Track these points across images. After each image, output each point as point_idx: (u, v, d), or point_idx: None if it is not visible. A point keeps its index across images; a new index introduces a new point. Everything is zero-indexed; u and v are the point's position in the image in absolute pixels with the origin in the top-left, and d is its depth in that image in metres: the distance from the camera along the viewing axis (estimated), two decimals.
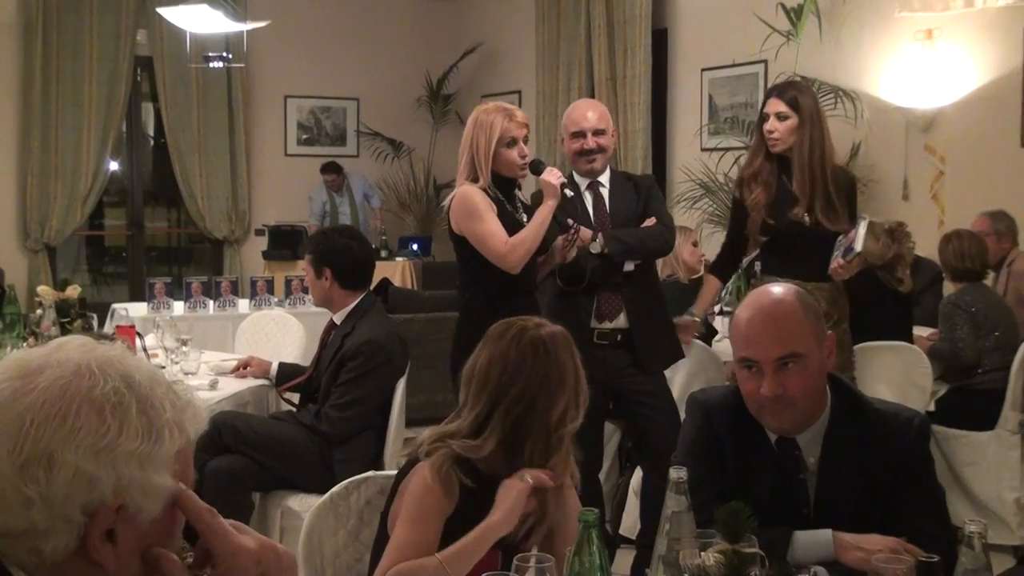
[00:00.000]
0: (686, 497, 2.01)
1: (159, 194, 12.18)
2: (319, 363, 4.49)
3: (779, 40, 7.61)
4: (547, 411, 2.48)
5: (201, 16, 8.42)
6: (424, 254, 11.09)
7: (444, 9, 12.31)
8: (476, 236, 4.11)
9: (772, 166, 4.53)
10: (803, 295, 2.59)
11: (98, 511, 1.29)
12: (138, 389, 1.35)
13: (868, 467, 2.51)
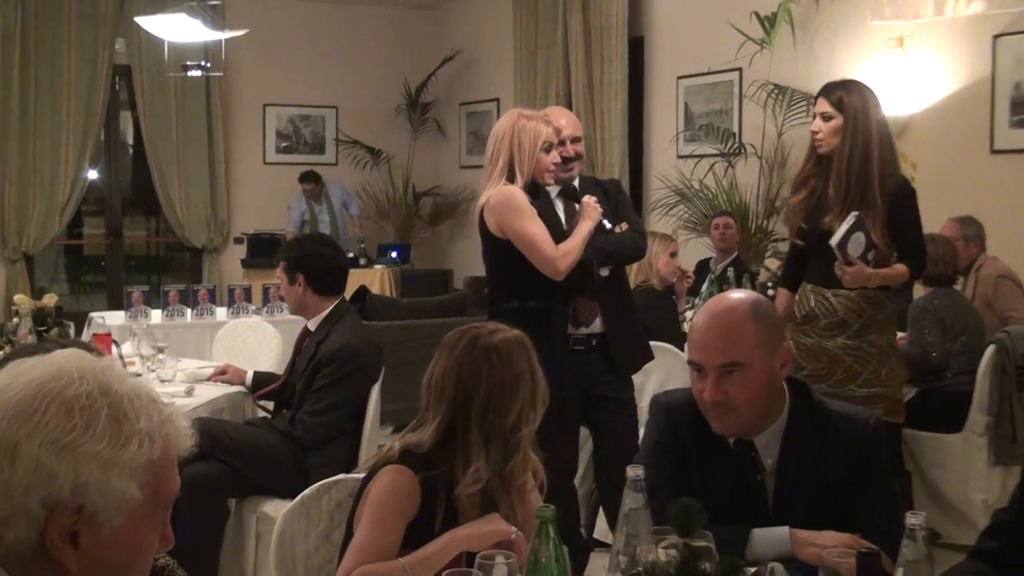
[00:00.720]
0: (643, 494, 2.07)
1: (137, 203, 12.20)
2: (293, 369, 4.55)
3: (753, 48, 7.69)
4: (504, 416, 2.53)
5: (179, 25, 8.48)
6: (403, 262, 11.15)
7: (422, 17, 12.38)
8: (524, 237, 4.12)
9: (820, 169, 4.49)
10: (760, 306, 2.63)
11: (57, 507, 1.35)
12: (113, 396, 1.41)
13: (825, 467, 2.58)
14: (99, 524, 1.39)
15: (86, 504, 1.37)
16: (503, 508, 2.53)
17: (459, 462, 2.53)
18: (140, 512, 1.42)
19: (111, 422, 1.39)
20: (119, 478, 1.38)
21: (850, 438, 2.61)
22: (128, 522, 1.41)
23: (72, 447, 1.36)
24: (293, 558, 2.80)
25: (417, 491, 2.49)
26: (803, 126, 7.39)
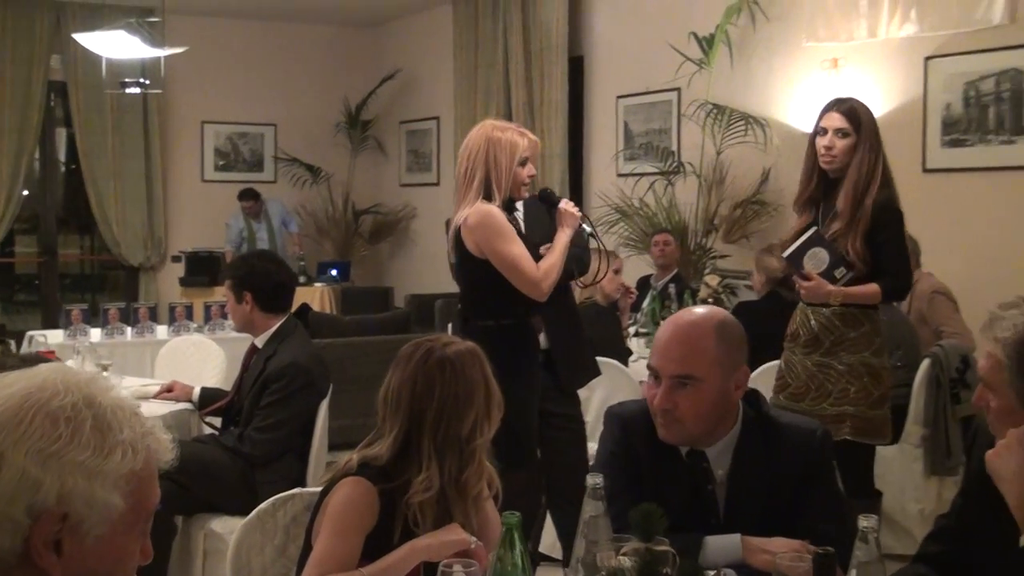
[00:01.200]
0: (603, 502, 2.12)
1: (70, 220, 12.08)
2: (241, 386, 4.54)
3: (692, 68, 7.79)
4: (458, 426, 2.57)
5: (118, 42, 8.40)
6: (343, 279, 11.14)
7: (362, 36, 12.40)
8: (505, 259, 4.08)
9: (821, 190, 4.44)
10: (726, 325, 2.67)
11: (42, 515, 1.37)
12: (97, 408, 1.44)
13: (774, 478, 2.64)
14: (83, 533, 1.41)
15: (70, 513, 1.39)
16: (458, 517, 2.57)
17: (415, 473, 2.56)
18: (123, 522, 1.44)
19: (95, 433, 1.42)
20: (103, 488, 1.41)
21: (799, 449, 2.68)
22: (111, 532, 1.43)
23: (57, 456, 1.38)
24: (249, 571, 2.81)
25: (376, 502, 2.52)
26: (741, 145, 7.54)
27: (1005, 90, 6.28)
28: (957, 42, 6.50)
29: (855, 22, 7.00)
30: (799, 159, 7.19)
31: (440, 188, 11.41)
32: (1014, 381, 2.09)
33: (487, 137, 4.14)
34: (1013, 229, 6.23)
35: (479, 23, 10.30)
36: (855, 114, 4.37)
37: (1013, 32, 6.22)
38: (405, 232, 12.08)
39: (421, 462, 2.56)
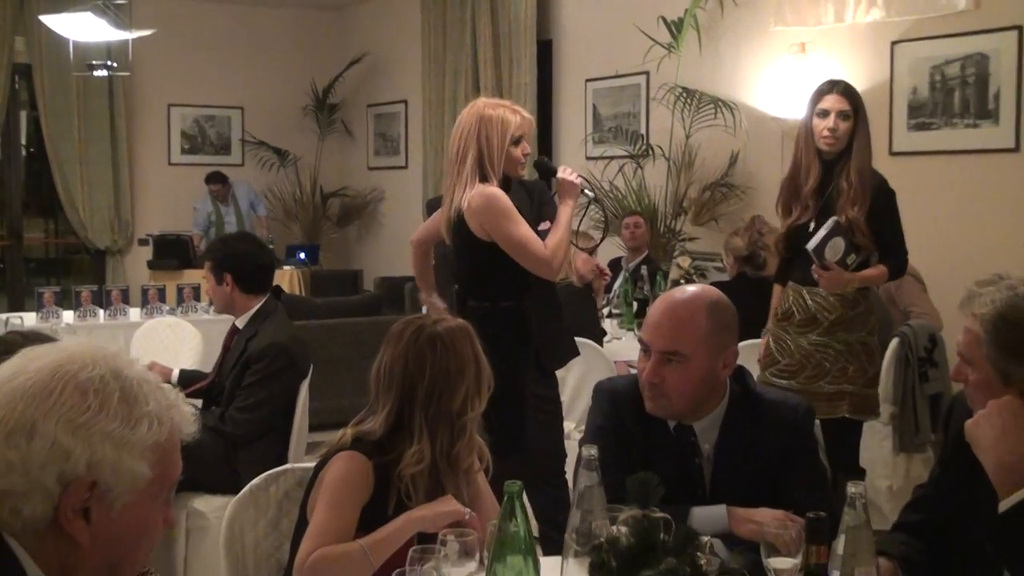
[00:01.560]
0: (597, 473, 2.19)
1: (33, 204, 11.99)
2: (222, 367, 4.58)
3: (661, 52, 7.83)
4: (450, 401, 2.64)
5: (85, 24, 8.38)
6: (312, 262, 11.16)
7: (329, 19, 12.39)
8: (513, 240, 4.01)
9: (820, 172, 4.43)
10: (718, 306, 2.72)
11: (72, 483, 1.42)
12: (124, 380, 1.48)
13: (759, 452, 2.71)
14: (110, 501, 1.45)
15: (99, 481, 1.44)
16: (450, 488, 2.64)
17: (408, 447, 2.62)
18: (148, 491, 1.49)
19: (123, 404, 1.46)
20: (130, 457, 1.45)
21: (782, 424, 2.75)
22: (137, 500, 1.48)
23: (87, 426, 1.43)
24: (243, 545, 2.85)
25: (370, 475, 2.58)
26: (709, 128, 7.60)
27: (970, 74, 6.37)
28: (923, 27, 6.58)
29: (822, 7, 7.06)
30: (767, 142, 7.39)
31: (408, 171, 11.44)
32: (991, 355, 2.17)
33: (479, 115, 4.06)
34: (977, 211, 6.34)
35: (447, 6, 10.32)
36: (853, 95, 4.43)
37: (978, 17, 6.30)
38: (373, 215, 12.11)
39: (413, 436, 2.62)
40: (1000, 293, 2.18)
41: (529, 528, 1.97)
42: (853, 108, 4.39)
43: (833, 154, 4.40)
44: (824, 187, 4.43)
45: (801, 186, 4.45)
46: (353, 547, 2.47)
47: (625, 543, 1.91)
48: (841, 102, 4.38)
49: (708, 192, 7.82)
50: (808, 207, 4.43)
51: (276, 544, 2.89)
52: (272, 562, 2.89)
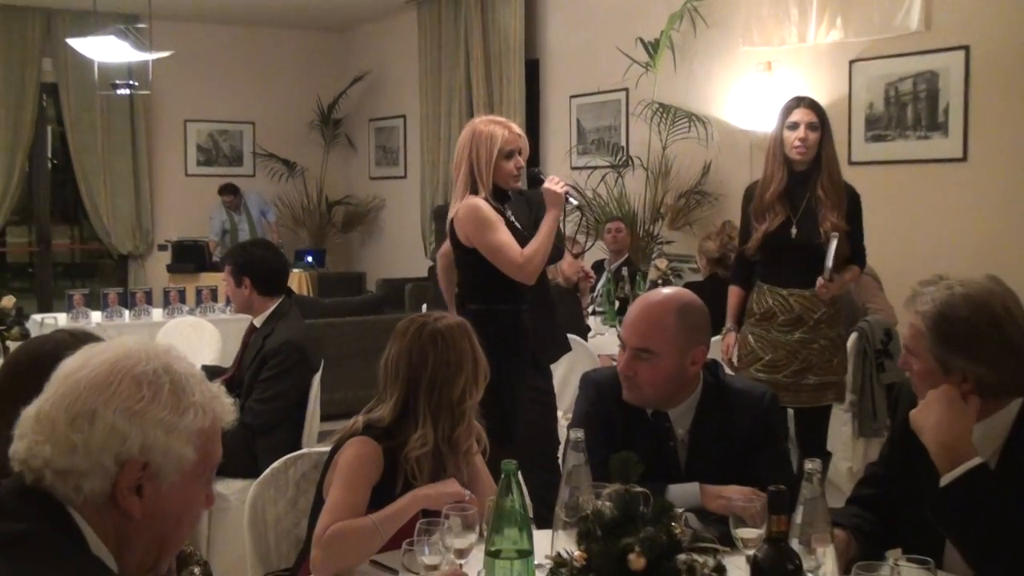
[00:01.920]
0: (584, 454, 2.28)
1: (59, 213, 12.04)
2: (241, 362, 4.66)
3: (639, 70, 7.90)
4: (450, 391, 2.73)
5: (108, 47, 8.45)
6: (318, 265, 11.23)
7: (333, 40, 12.45)
8: (490, 247, 4.05)
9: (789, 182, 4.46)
10: (689, 308, 2.80)
11: (127, 464, 1.50)
12: (174, 374, 1.56)
13: (729, 436, 2.80)
14: (160, 480, 1.53)
15: (150, 462, 1.52)
16: (451, 469, 2.72)
17: (413, 432, 2.71)
18: (193, 472, 1.57)
19: (172, 395, 1.54)
20: (178, 441, 1.53)
21: (750, 411, 2.84)
22: (183, 479, 1.56)
23: (141, 414, 1.51)
24: (264, 522, 2.93)
25: (380, 458, 2.66)
26: (684, 141, 7.66)
27: (921, 90, 6.44)
28: (878, 47, 6.65)
29: (787, 28, 7.12)
30: (737, 153, 7.47)
31: (407, 180, 11.49)
32: (932, 347, 2.27)
33: (472, 131, 4.11)
34: (929, 215, 6.42)
35: (442, 28, 10.38)
36: (819, 109, 4.49)
37: (928, 38, 6.37)
38: (375, 221, 12.18)
39: (418, 422, 2.71)
40: (940, 292, 2.28)
41: (524, 503, 2.04)
42: (820, 120, 4.45)
43: (804, 163, 4.45)
44: (792, 195, 4.46)
45: (774, 191, 4.48)
46: (365, 522, 2.55)
47: (608, 514, 1.99)
48: (809, 115, 4.44)
49: (683, 199, 7.87)
50: (778, 212, 4.46)
51: (295, 521, 2.98)
52: (291, 538, 2.97)
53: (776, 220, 4.46)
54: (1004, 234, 5.99)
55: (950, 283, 2.29)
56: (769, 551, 1.92)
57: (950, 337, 2.24)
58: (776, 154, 4.50)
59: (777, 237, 4.47)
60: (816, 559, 1.98)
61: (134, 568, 1.57)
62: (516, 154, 4.12)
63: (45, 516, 1.47)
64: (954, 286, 2.27)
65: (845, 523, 2.43)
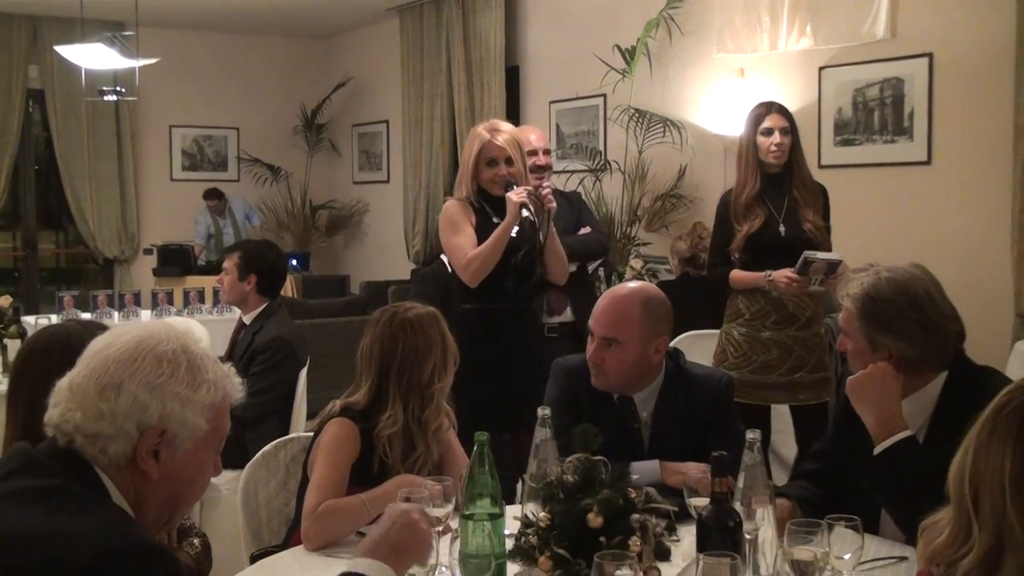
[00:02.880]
0: (550, 429, 2.51)
1: (45, 217, 12.16)
2: (231, 357, 4.86)
3: (616, 77, 8.03)
4: (419, 375, 2.96)
5: (95, 54, 8.60)
6: (303, 269, 11.39)
7: (317, 47, 12.62)
8: (446, 248, 4.25)
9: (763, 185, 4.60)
10: (652, 300, 3.03)
11: (147, 430, 1.73)
12: (190, 354, 1.79)
13: (689, 418, 3.04)
14: (175, 446, 1.76)
15: (167, 430, 1.74)
16: (420, 447, 2.95)
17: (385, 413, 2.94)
18: (204, 441, 1.79)
19: (189, 372, 1.76)
20: (193, 412, 1.75)
21: (708, 395, 3.09)
22: (195, 447, 1.78)
23: (161, 387, 1.73)
24: (257, 502, 3.14)
25: (358, 437, 2.90)
26: (659, 145, 7.80)
27: (888, 96, 6.63)
28: (846, 54, 6.83)
29: (758, 36, 7.29)
30: (711, 157, 7.68)
31: (389, 185, 11.66)
32: (862, 327, 2.52)
33: (471, 131, 4.28)
34: (895, 216, 6.60)
35: (424, 35, 10.53)
36: (788, 114, 4.67)
37: (894, 45, 6.57)
38: (358, 225, 12.34)
39: (389, 403, 2.94)
40: (868, 277, 2.53)
41: (495, 471, 2.25)
42: (791, 125, 4.64)
43: (778, 167, 4.62)
44: (769, 196, 4.62)
45: (748, 194, 4.62)
46: (355, 500, 2.77)
47: (570, 479, 2.22)
48: (781, 120, 4.62)
49: (659, 202, 8.01)
50: (757, 214, 4.60)
51: (285, 501, 3.19)
52: (282, 516, 3.18)
53: (756, 221, 4.61)
54: (967, 233, 6.21)
55: (878, 269, 2.54)
56: (712, 510, 2.15)
57: (876, 316, 2.49)
58: (748, 159, 4.67)
59: (764, 237, 4.61)
60: (755, 521, 2.21)
61: (151, 522, 1.80)
62: (499, 163, 4.16)
63: (75, 474, 1.69)
64: (881, 272, 2.53)
65: (791, 494, 2.66)
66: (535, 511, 2.27)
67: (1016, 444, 1.60)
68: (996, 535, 1.60)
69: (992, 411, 1.65)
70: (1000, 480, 1.60)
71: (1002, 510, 1.59)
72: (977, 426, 1.67)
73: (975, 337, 5.53)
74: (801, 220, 4.60)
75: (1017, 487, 1.59)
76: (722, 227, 4.83)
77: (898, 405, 2.45)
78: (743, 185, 4.68)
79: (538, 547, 2.16)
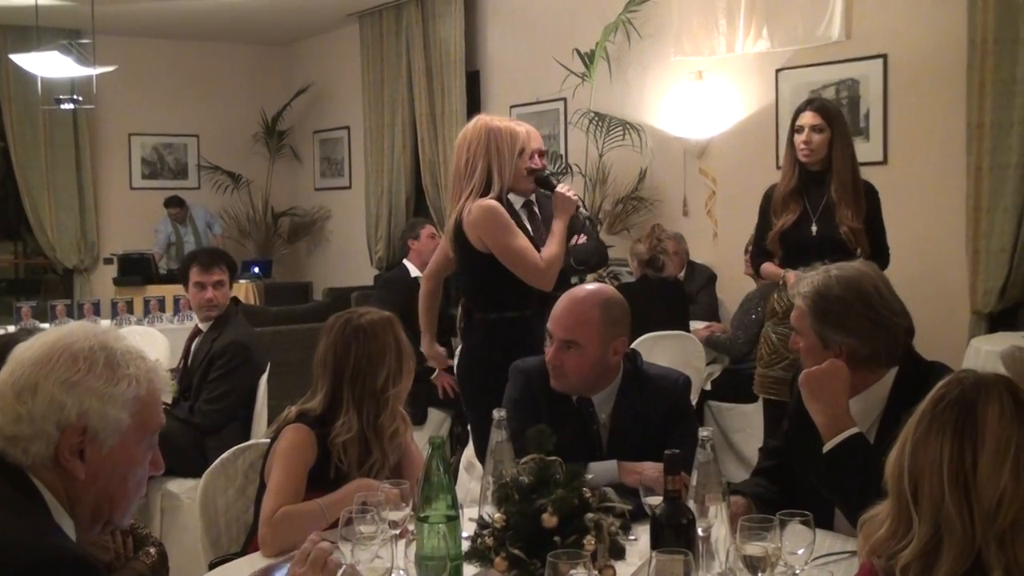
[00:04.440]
0: (506, 431, 2.52)
1: (2, 228, 12.07)
2: (189, 366, 4.84)
3: (576, 80, 8.09)
4: (372, 381, 2.96)
5: (52, 62, 8.57)
6: (265, 276, 11.35)
7: (277, 53, 12.60)
8: (510, 251, 3.91)
9: (801, 182, 4.58)
10: (610, 302, 3.05)
11: (67, 429, 1.73)
12: (109, 350, 1.78)
13: (646, 419, 3.05)
14: (100, 443, 1.76)
15: (88, 427, 1.74)
16: (376, 452, 2.95)
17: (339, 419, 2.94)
18: (131, 435, 1.79)
19: (107, 368, 1.76)
20: (114, 408, 1.75)
21: (665, 394, 3.10)
22: (122, 443, 1.78)
23: (77, 384, 1.73)
24: (215, 508, 3.13)
25: (314, 443, 2.90)
26: (620, 148, 7.87)
27: (844, 97, 6.70)
28: (803, 56, 6.91)
29: (716, 39, 7.36)
30: (671, 159, 7.74)
31: (351, 191, 11.66)
32: (813, 324, 2.55)
33: (487, 128, 3.94)
34: None
35: (384, 41, 10.55)
36: (827, 110, 4.60)
37: (849, 47, 6.66)
38: (321, 232, 12.33)
39: (344, 410, 2.94)
40: (818, 276, 2.56)
41: (450, 474, 2.27)
42: (827, 121, 4.55)
43: (814, 164, 4.60)
44: (809, 194, 4.61)
45: (785, 187, 4.65)
46: (312, 506, 2.77)
47: (525, 480, 2.23)
48: (815, 118, 4.56)
49: (620, 205, 8.07)
50: (792, 210, 4.61)
51: (244, 507, 3.17)
52: (240, 523, 3.16)
53: (791, 217, 4.62)
54: (923, 232, 6.28)
55: (828, 268, 2.58)
56: (665, 508, 2.17)
57: (827, 314, 2.52)
58: (788, 155, 4.71)
59: (796, 234, 4.62)
60: (708, 518, 2.23)
61: (88, 522, 1.80)
62: (526, 153, 4.00)
63: (7, 478, 1.70)
64: (831, 270, 2.57)
65: (747, 491, 2.68)
66: (491, 512, 2.28)
67: (953, 436, 1.64)
68: (935, 526, 1.64)
69: (929, 404, 1.69)
70: (939, 472, 1.64)
71: (940, 502, 1.63)
72: (914, 419, 1.70)
73: (932, 334, 5.65)
74: (837, 221, 4.55)
75: (954, 479, 1.63)
76: (762, 220, 4.86)
77: (847, 402, 2.48)
78: (783, 180, 4.71)
79: (494, 548, 2.17)
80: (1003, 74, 5.68)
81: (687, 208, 7.80)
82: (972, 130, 5.83)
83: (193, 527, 3.17)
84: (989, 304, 5.81)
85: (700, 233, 7.55)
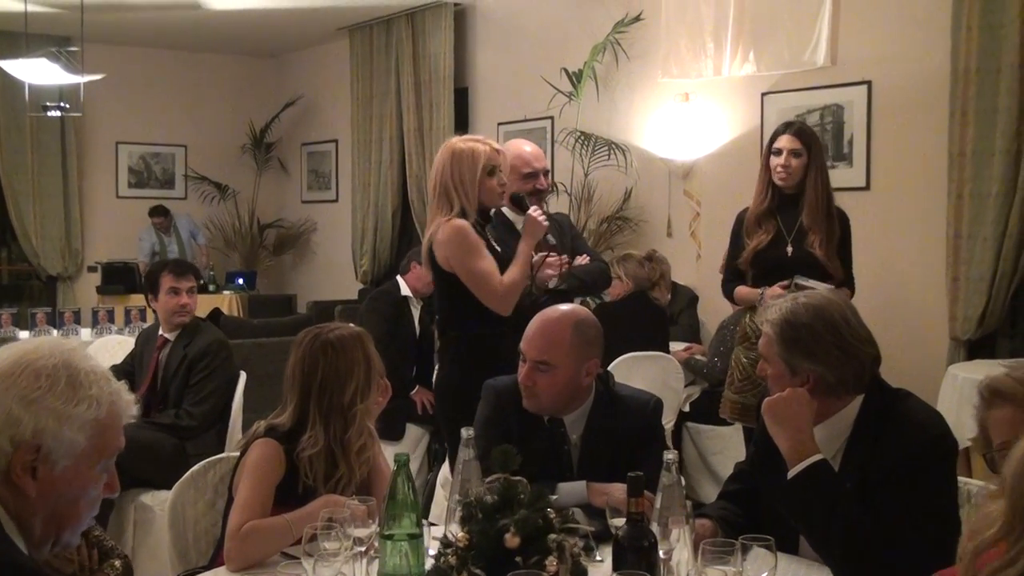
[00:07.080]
0: (473, 450, 2.53)
1: None
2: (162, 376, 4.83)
3: (563, 100, 8.14)
4: (340, 396, 2.96)
5: (40, 69, 8.55)
6: (249, 288, 11.34)
7: (267, 65, 12.62)
8: (473, 274, 3.93)
9: (775, 203, 4.57)
10: (582, 323, 3.05)
11: (20, 445, 1.71)
12: (72, 369, 1.77)
13: (617, 440, 3.06)
14: (52, 462, 1.73)
15: (43, 445, 1.72)
16: (342, 467, 2.94)
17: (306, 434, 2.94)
18: (85, 457, 1.76)
19: (69, 387, 1.75)
20: (70, 429, 1.74)
21: (636, 416, 3.11)
22: (75, 464, 1.75)
23: (36, 401, 1.72)
24: (184, 521, 3.12)
25: (282, 458, 2.90)
26: (605, 168, 7.91)
27: (828, 122, 6.76)
28: (788, 81, 6.97)
29: (703, 62, 7.41)
30: (656, 180, 7.78)
31: (338, 204, 11.67)
32: (780, 352, 2.56)
33: (451, 150, 3.98)
34: None
35: (373, 55, 10.58)
36: (805, 134, 4.60)
37: (834, 73, 6.72)
38: (306, 244, 12.33)
39: (311, 425, 2.94)
40: (786, 303, 2.58)
41: (415, 491, 2.27)
42: (805, 146, 4.54)
43: (790, 188, 4.59)
44: (784, 215, 4.60)
45: (757, 208, 4.64)
46: (279, 521, 2.76)
47: (489, 500, 2.24)
48: (793, 142, 4.55)
49: (605, 224, 8.10)
50: (766, 230, 4.59)
51: (213, 521, 3.16)
52: (209, 537, 3.15)
53: (765, 237, 4.61)
54: (903, 257, 6.34)
55: (796, 295, 2.59)
56: (628, 530, 2.18)
57: (794, 341, 2.54)
58: (763, 176, 4.69)
59: (773, 254, 4.61)
60: (670, 541, 2.24)
61: (36, 541, 1.78)
62: (498, 170, 4.01)
63: None
64: (799, 298, 2.58)
65: (712, 514, 2.69)
66: (455, 531, 2.29)
67: None
68: None
69: None
70: None
71: None
72: None
73: (910, 359, 5.70)
74: (809, 245, 4.56)
75: None
76: (734, 242, 4.85)
77: (811, 429, 2.50)
78: (756, 200, 4.70)
79: (456, 567, 2.18)
80: (985, 103, 5.72)
81: (671, 229, 7.83)
82: (954, 158, 5.87)
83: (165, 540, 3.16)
84: (968, 331, 5.84)
85: (683, 254, 7.57)
